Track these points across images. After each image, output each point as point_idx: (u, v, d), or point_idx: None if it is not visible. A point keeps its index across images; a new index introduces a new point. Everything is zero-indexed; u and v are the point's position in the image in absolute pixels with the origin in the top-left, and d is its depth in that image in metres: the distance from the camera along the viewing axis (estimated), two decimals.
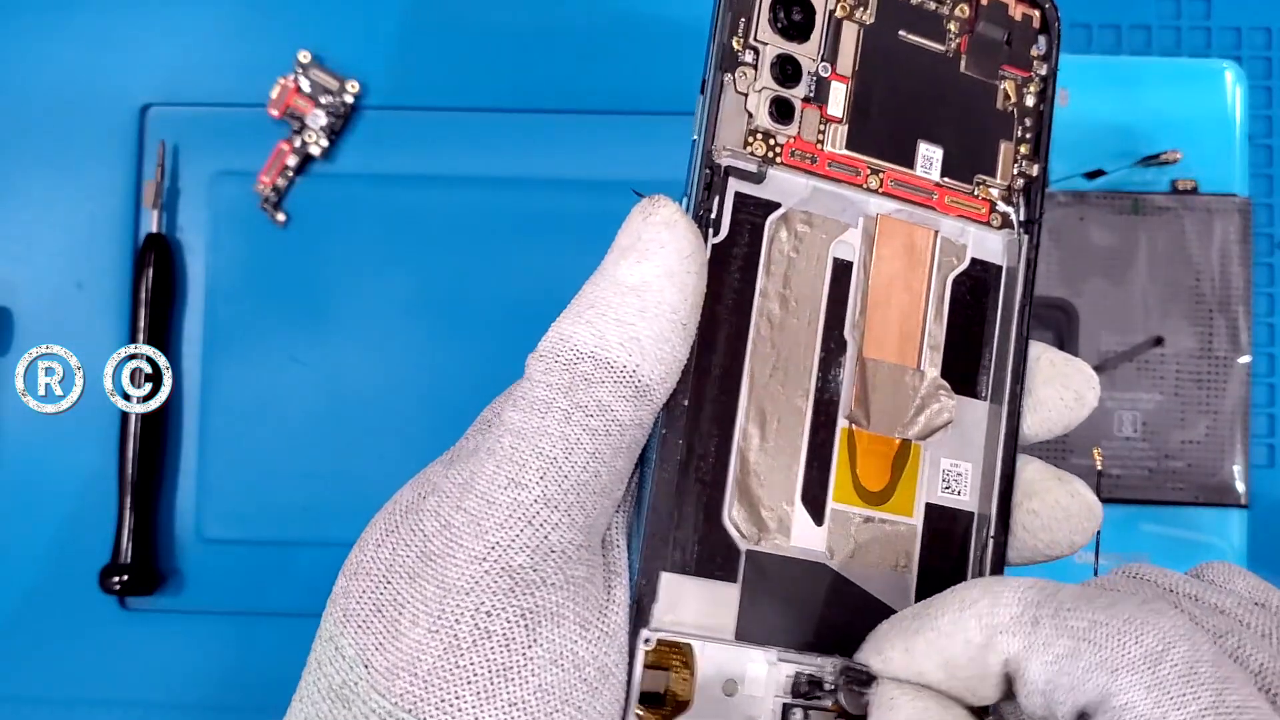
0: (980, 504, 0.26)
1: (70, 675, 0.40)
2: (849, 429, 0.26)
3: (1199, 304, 0.39)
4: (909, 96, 0.27)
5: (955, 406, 0.26)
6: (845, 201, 0.26)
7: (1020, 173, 0.28)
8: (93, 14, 0.41)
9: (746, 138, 0.26)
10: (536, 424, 0.20)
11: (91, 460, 0.40)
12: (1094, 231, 0.39)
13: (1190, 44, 0.42)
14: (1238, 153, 0.40)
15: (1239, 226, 0.39)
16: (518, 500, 0.20)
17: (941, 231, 0.27)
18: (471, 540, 0.20)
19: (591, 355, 0.20)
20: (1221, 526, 0.40)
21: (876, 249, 0.27)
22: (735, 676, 0.24)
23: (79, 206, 0.41)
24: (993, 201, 0.28)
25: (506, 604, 0.20)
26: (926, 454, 0.26)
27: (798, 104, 0.26)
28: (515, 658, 0.20)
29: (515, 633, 0.20)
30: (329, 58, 0.41)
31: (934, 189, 0.27)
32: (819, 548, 0.25)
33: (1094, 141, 0.40)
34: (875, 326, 0.26)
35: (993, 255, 0.27)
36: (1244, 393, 0.39)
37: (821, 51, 0.27)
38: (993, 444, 0.27)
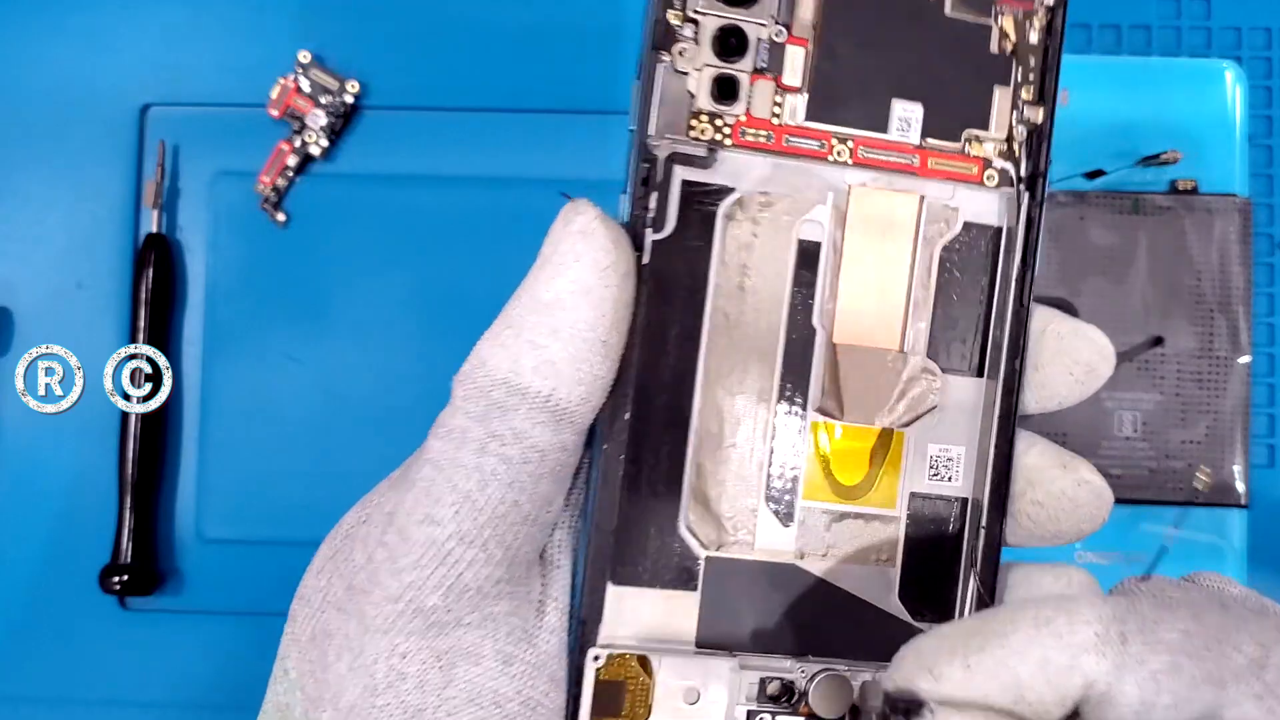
0: (975, 489, 0.24)
1: (70, 675, 0.40)
2: (820, 421, 0.24)
3: (1199, 304, 0.39)
4: (882, 51, 0.24)
5: (942, 389, 0.24)
6: (810, 177, 0.24)
7: (1021, 120, 0.25)
8: (92, 14, 0.41)
9: (690, 121, 0.23)
10: (452, 455, 0.19)
11: (91, 460, 0.40)
12: (1094, 231, 0.39)
13: (1190, 44, 0.42)
14: (1238, 153, 0.40)
15: (1239, 226, 0.39)
16: (431, 537, 0.19)
17: (927, 197, 0.24)
18: (388, 578, 0.19)
19: (505, 381, 0.19)
20: (1222, 526, 0.40)
21: (848, 225, 0.24)
22: (698, 685, 0.23)
23: (79, 206, 0.41)
24: (987, 158, 0.25)
25: (420, 645, 0.19)
26: (911, 441, 0.24)
27: (745, 78, 0.23)
28: (430, 699, 0.19)
29: (429, 675, 0.19)
30: (329, 58, 0.41)
31: (914, 152, 0.24)
32: (787, 549, 0.24)
33: (1094, 141, 0.40)
34: (848, 309, 0.24)
35: (989, 217, 0.25)
36: (1244, 393, 0.39)
37: (777, 13, 0.24)
38: (988, 424, 0.24)
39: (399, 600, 0.19)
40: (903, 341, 0.24)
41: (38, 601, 0.40)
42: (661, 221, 0.23)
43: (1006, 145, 0.25)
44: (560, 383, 0.19)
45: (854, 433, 0.24)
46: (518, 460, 0.19)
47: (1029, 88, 0.25)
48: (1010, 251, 0.24)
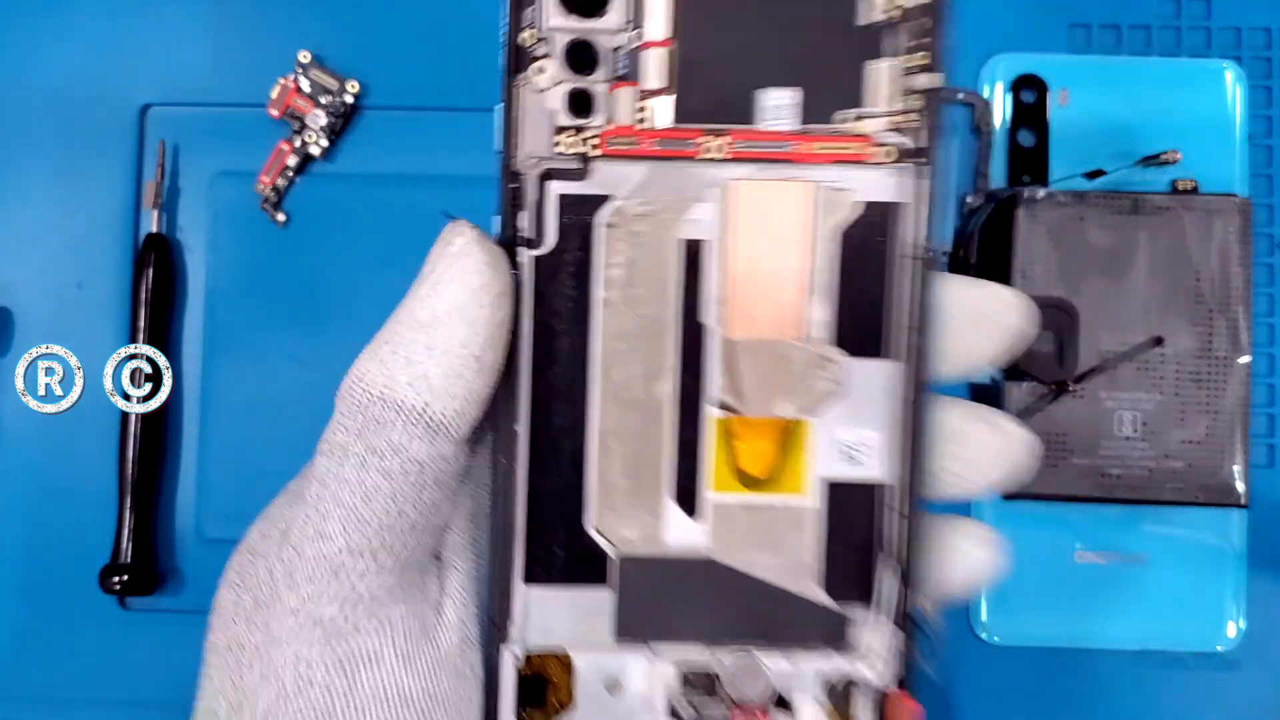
0: (892, 473, 0.24)
1: (70, 675, 0.40)
2: (722, 416, 0.24)
3: (1199, 304, 0.39)
4: (747, 41, 0.24)
5: (843, 372, 0.24)
6: (687, 177, 0.24)
7: (910, 89, 0.24)
8: (92, 14, 0.41)
9: (555, 137, 0.24)
10: (336, 471, 0.20)
11: (91, 460, 0.40)
12: (1093, 231, 0.39)
13: (1190, 44, 0.42)
14: (1238, 153, 0.40)
15: (1239, 226, 0.39)
16: (323, 552, 0.20)
17: (815, 182, 0.24)
18: (286, 592, 0.20)
19: (381, 397, 0.20)
20: (1221, 526, 0.40)
21: (732, 219, 0.24)
22: (617, 677, 0.24)
23: (79, 206, 0.41)
24: (875, 135, 0.24)
25: (323, 653, 0.20)
26: (821, 428, 0.24)
27: (602, 89, 0.24)
28: (338, 701, 0.20)
29: (335, 680, 0.20)
30: (329, 58, 0.41)
31: (792, 138, 0.24)
32: (698, 542, 0.24)
33: (1094, 141, 0.40)
34: (743, 303, 0.24)
35: (884, 194, 0.24)
36: (1244, 393, 0.39)
37: (627, 17, 0.24)
38: (899, 406, 0.24)
39: (298, 613, 0.20)
40: (802, 329, 0.24)
41: (38, 601, 0.40)
42: (541, 238, 0.24)
43: (899, 116, 0.24)
44: (434, 397, 0.20)
45: (758, 425, 0.24)
46: (398, 473, 0.20)
47: (919, 55, 0.24)
48: (908, 226, 0.24)
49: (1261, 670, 0.40)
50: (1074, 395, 0.39)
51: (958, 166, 0.41)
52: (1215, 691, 0.40)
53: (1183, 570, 0.40)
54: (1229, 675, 0.40)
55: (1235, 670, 0.40)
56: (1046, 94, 0.41)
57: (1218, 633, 0.40)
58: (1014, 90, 0.41)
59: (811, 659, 0.24)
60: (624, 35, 0.24)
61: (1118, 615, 0.40)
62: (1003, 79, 0.41)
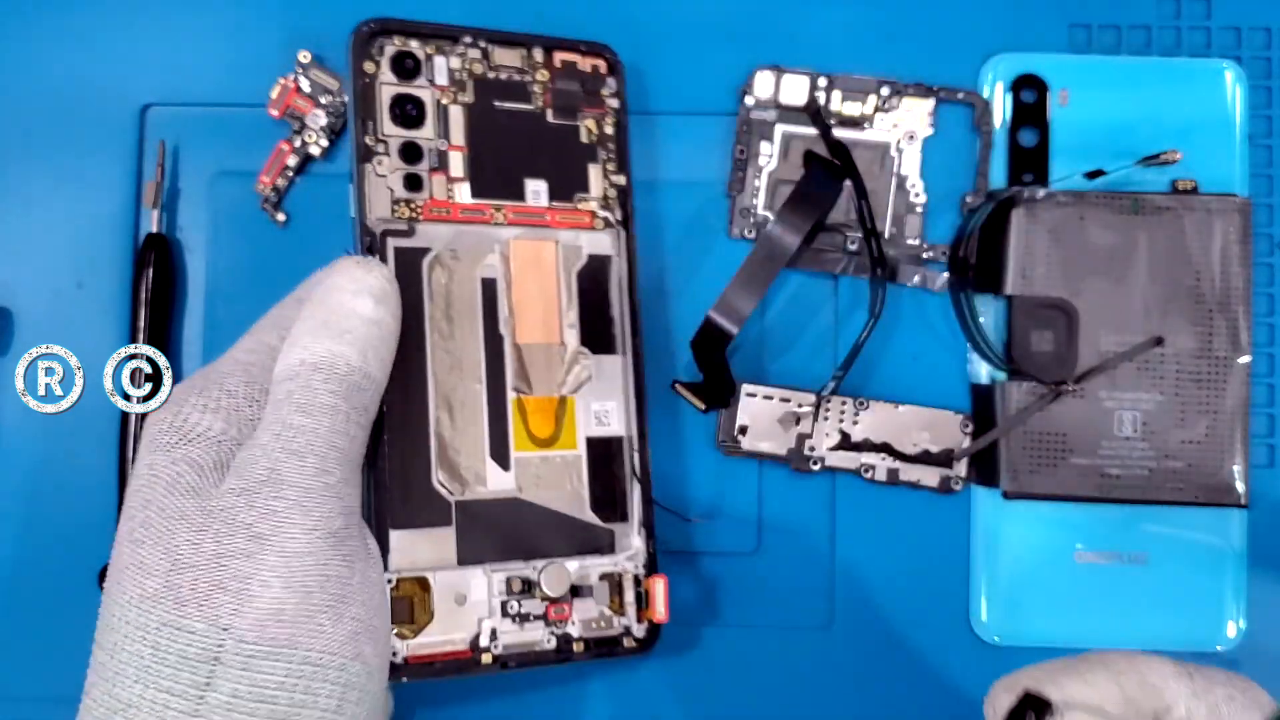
0: (626, 429, 0.37)
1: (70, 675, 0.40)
2: (518, 398, 0.36)
3: (1199, 304, 0.39)
4: (512, 148, 0.36)
5: (593, 364, 0.37)
6: (481, 236, 0.36)
7: (611, 184, 0.38)
8: (92, 14, 0.41)
9: (393, 207, 0.35)
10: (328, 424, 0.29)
11: (91, 460, 0.40)
12: (1093, 231, 0.39)
13: (1190, 44, 0.42)
14: (1238, 153, 0.40)
15: (1239, 226, 0.39)
16: (328, 484, 0.29)
17: (561, 240, 0.37)
18: (300, 517, 0.28)
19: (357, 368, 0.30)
20: (1221, 526, 0.40)
21: (512, 264, 0.36)
22: (463, 591, 0.35)
23: (79, 206, 0.41)
24: (594, 211, 0.37)
25: (335, 554, 0.29)
26: (580, 402, 0.36)
27: (425, 174, 0.35)
28: (347, 588, 0.29)
29: (342, 572, 0.29)
30: (329, 58, 0.41)
31: (545, 211, 0.37)
32: (510, 487, 0.35)
33: (1094, 141, 0.40)
34: (523, 319, 0.36)
35: (604, 249, 0.37)
36: (1244, 393, 0.39)
37: (438, 131, 0.36)
38: (628, 384, 0.37)
39: (315, 530, 0.29)
40: (562, 337, 0.36)
41: (37, 601, 0.40)
42: None
43: (604, 201, 0.38)
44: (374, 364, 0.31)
45: (541, 402, 0.36)
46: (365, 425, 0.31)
47: (612, 163, 0.38)
48: (619, 270, 0.37)
49: (1262, 670, 0.40)
50: (1074, 395, 0.39)
51: (958, 166, 0.41)
52: None
53: (1183, 570, 0.40)
54: None
55: (1235, 670, 0.40)
56: (1046, 94, 0.41)
57: (1218, 632, 0.40)
58: (1014, 90, 0.41)
59: (593, 561, 0.36)
60: (436, 141, 0.36)
61: (1118, 615, 0.40)
62: (1003, 79, 0.41)
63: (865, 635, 0.40)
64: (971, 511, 0.40)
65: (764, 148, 0.41)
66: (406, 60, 0.36)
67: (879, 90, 0.41)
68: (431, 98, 0.36)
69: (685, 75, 0.41)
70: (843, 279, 0.41)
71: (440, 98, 0.36)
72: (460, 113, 0.36)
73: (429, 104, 0.36)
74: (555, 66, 0.37)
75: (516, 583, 0.35)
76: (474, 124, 0.36)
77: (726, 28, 0.41)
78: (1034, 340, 0.39)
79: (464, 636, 0.34)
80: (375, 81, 0.35)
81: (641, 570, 0.37)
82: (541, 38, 0.38)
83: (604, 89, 0.38)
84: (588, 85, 0.38)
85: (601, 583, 0.36)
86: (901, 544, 0.40)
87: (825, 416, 0.40)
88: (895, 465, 0.40)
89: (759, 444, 0.40)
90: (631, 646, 0.36)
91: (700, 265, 0.41)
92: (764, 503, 0.40)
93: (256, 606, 0.27)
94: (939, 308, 0.41)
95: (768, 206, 0.41)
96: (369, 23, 0.36)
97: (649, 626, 0.37)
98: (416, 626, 0.34)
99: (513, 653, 0.35)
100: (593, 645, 0.36)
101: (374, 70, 0.35)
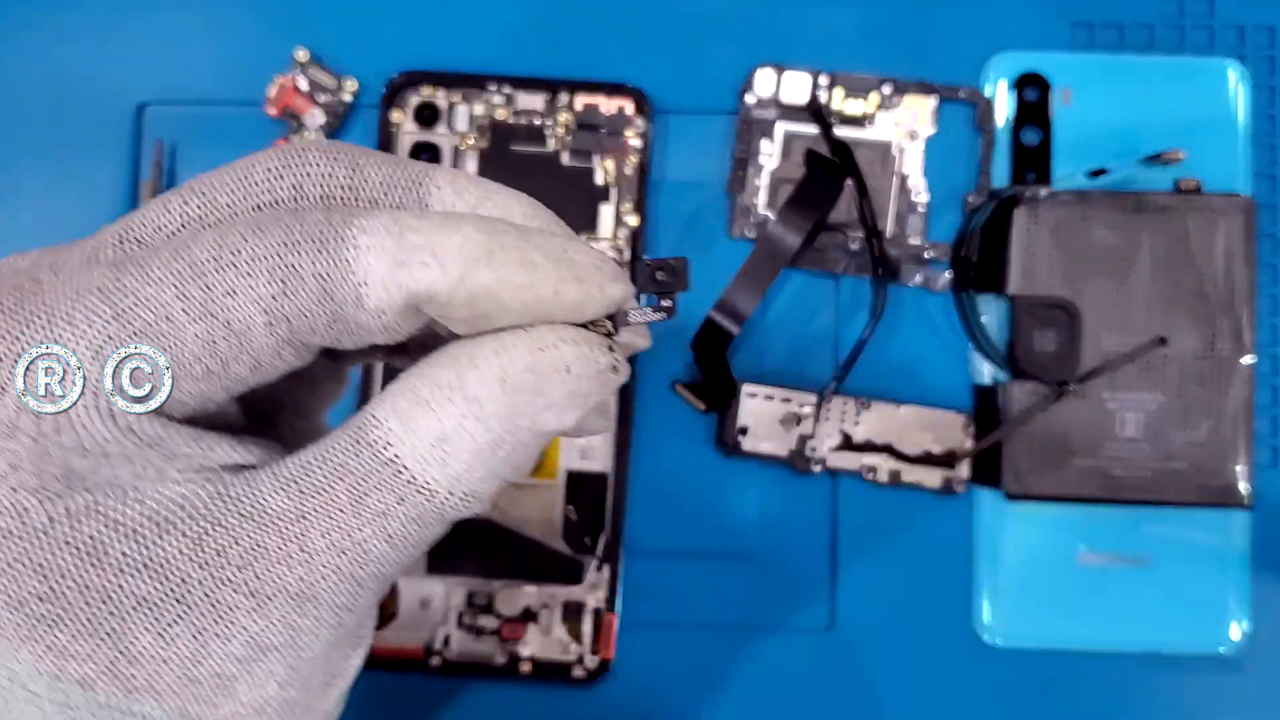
0: (608, 466, 0.38)
1: None
2: None
3: (1202, 304, 0.39)
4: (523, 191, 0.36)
5: None
6: None
7: (622, 224, 0.39)
8: (88, 13, 0.41)
9: None
10: (410, 555, 0.21)
11: None
12: (1096, 231, 0.39)
13: (1193, 43, 0.41)
14: (1241, 152, 0.40)
15: (1243, 226, 0.39)
16: (369, 605, 0.21)
17: None
18: (328, 633, 0.20)
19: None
20: (1225, 527, 0.39)
21: None
22: (427, 596, 0.37)
23: (75, 206, 0.40)
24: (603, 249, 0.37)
25: (345, 647, 0.22)
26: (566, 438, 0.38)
27: None
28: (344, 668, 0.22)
29: (346, 656, 0.22)
30: (327, 56, 0.40)
31: None
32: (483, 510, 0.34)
33: (1097, 140, 0.40)
34: None
35: None
36: (1247, 393, 0.39)
37: None
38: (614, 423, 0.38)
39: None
40: None
41: None
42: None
43: (614, 241, 0.39)
44: None
45: None
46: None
47: (629, 201, 0.39)
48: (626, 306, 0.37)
49: (1266, 672, 0.40)
50: (1076, 396, 0.39)
51: (960, 165, 0.41)
52: (1219, 694, 0.40)
53: (1186, 572, 0.39)
54: (1233, 677, 0.40)
55: (1239, 672, 0.40)
56: (1049, 93, 0.40)
57: (1221, 634, 0.39)
58: (1017, 89, 0.41)
59: (556, 589, 0.38)
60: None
61: (1120, 617, 0.39)
62: (1005, 78, 0.41)
63: (867, 637, 0.40)
64: (974, 513, 0.40)
65: (765, 146, 0.41)
66: (425, 110, 0.38)
67: (880, 89, 0.41)
68: (449, 144, 0.38)
69: (686, 73, 0.41)
70: (844, 279, 0.41)
71: (458, 144, 0.38)
72: (475, 157, 0.38)
73: (446, 151, 0.38)
74: (577, 109, 0.39)
75: (478, 597, 0.38)
76: (487, 168, 0.38)
77: (727, 26, 0.41)
78: (1036, 340, 0.39)
79: (420, 639, 0.37)
80: (399, 130, 0.37)
81: (602, 604, 0.38)
82: (569, 82, 0.38)
83: (629, 129, 0.39)
84: (611, 126, 0.39)
85: (564, 610, 0.38)
86: (903, 545, 0.40)
87: (826, 417, 0.40)
88: (897, 466, 0.40)
89: (760, 445, 0.40)
90: (580, 676, 0.38)
91: (700, 265, 0.40)
92: (764, 504, 0.40)
93: (240, 702, 0.19)
94: (941, 308, 0.41)
95: (769, 206, 0.41)
96: (403, 75, 0.38)
97: (599, 661, 0.38)
98: (381, 622, 0.37)
99: (462, 661, 0.38)
100: (542, 668, 0.38)
101: (400, 120, 0.38)
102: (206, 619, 0.18)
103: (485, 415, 0.18)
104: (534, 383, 0.18)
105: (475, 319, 0.18)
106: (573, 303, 0.18)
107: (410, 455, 0.18)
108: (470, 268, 0.18)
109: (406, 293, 0.18)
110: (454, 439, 0.18)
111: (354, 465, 0.18)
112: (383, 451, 0.18)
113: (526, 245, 0.18)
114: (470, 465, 0.18)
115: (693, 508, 0.40)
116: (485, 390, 0.18)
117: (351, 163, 0.20)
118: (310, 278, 0.18)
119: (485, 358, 0.18)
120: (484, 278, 0.18)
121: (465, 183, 0.20)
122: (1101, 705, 0.40)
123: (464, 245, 0.18)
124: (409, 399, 0.18)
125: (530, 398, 0.18)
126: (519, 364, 0.18)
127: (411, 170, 0.20)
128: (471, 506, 0.19)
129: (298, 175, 0.20)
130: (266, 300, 0.18)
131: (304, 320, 0.18)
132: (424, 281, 0.17)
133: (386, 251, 0.18)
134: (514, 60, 0.40)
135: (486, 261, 0.18)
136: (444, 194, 0.20)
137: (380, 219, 0.18)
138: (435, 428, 0.18)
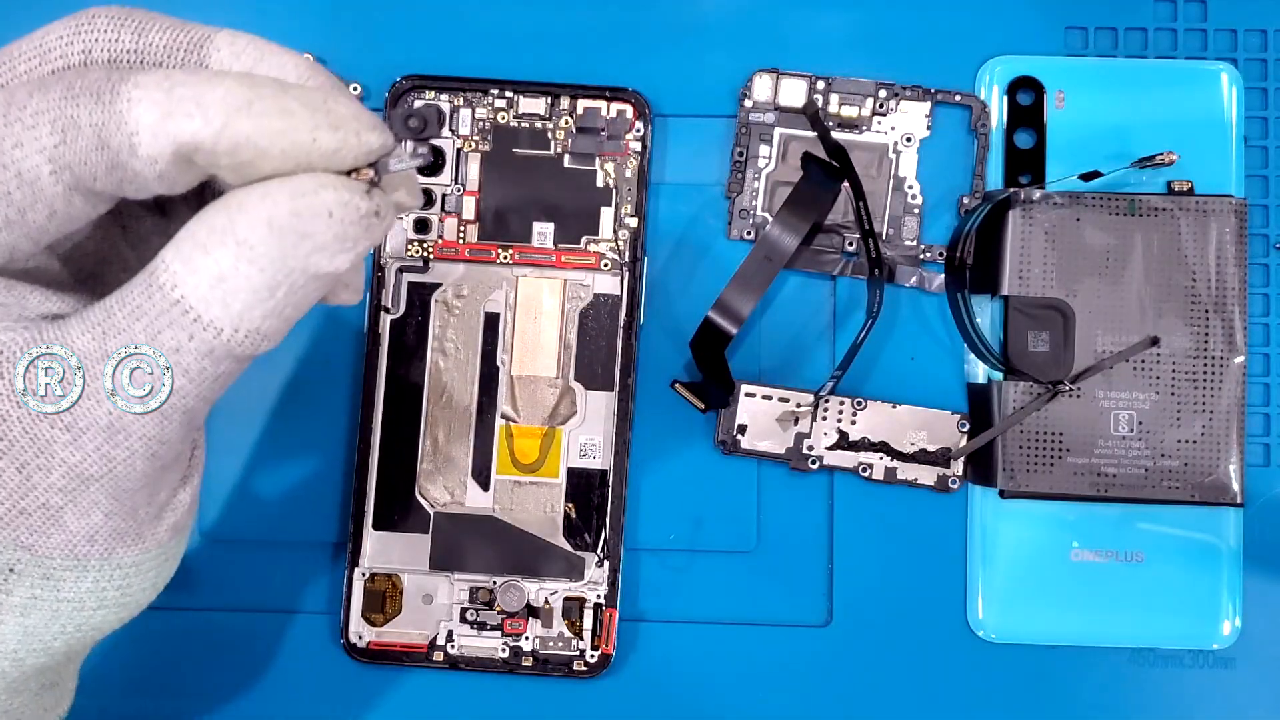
0: (608, 463, 0.39)
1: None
2: (505, 425, 0.39)
3: (1195, 304, 0.39)
4: (526, 192, 0.39)
5: (583, 400, 0.39)
6: (490, 274, 0.39)
7: (622, 226, 0.39)
8: None
9: (407, 245, 0.38)
10: (213, 391, 0.23)
11: None
12: (1089, 232, 0.39)
13: (1186, 46, 0.42)
14: (1233, 154, 0.41)
15: (1234, 227, 0.39)
16: (189, 433, 0.23)
17: (567, 280, 0.39)
18: (144, 464, 0.22)
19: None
20: (1217, 525, 0.40)
21: (516, 301, 0.39)
22: (430, 592, 0.39)
23: None
24: (602, 253, 0.39)
25: (173, 471, 0.24)
26: (569, 434, 0.39)
27: (436, 218, 0.39)
28: (174, 498, 0.24)
29: (174, 486, 0.24)
30: (331, 61, 0.41)
31: (553, 253, 0.39)
32: (487, 506, 0.38)
33: (1090, 143, 0.41)
34: (521, 353, 0.39)
35: (610, 289, 0.39)
36: (1239, 392, 0.39)
37: (453, 178, 0.39)
38: (615, 422, 0.39)
39: None
40: (559, 371, 0.39)
41: None
42: (396, 306, 0.39)
43: (614, 242, 0.39)
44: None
45: (529, 430, 0.39)
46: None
47: (628, 204, 0.39)
48: (619, 309, 0.39)
49: (1257, 669, 0.40)
50: (1070, 395, 0.39)
51: (955, 167, 0.41)
52: (1211, 690, 0.40)
53: (1179, 569, 0.40)
54: (1225, 674, 0.40)
55: (1231, 669, 0.40)
56: (1043, 96, 0.41)
57: (1213, 631, 0.40)
58: (1010, 92, 0.41)
59: (558, 584, 0.39)
60: (453, 188, 0.39)
61: (1114, 614, 0.40)
62: (999, 81, 0.41)
63: (863, 633, 0.41)
64: (968, 510, 0.41)
65: (763, 150, 0.41)
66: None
67: (876, 93, 0.41)
68: (452, 147, 0.39)
69: (685, 78, 0.41)
70: (841, 280, 0.41)
71: (461, 146, 0.39)
72: (478, 159, 0.39)
73: (449, 153, 0.39)
74: (578, 113, 0.39)
75: (478, 592, 0.38)
76: (489, 169, 0.39)
77: (726, 32, 0.41)
78: (1030, 340, 0.40)
79: (424, 634, 0.38)
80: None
81: (602, 600, 0.39)
82: (569, 86, 0.39)
83: (629, 133, 0.39)
84: (611, 130, 0.39)
85: (565, 605, 0.39)
86: (899, 542, 0.41)
87: (823, 416, 0.40)
88: (893, 464, 0.40)
89: (758, 443, 0.40)
90: (581, 670, 0.39)
91: (700, 266, 0.41)
92: (763, 502, 0.41)
93: (69, 531, 0.21)
94: (936, 308, 0.41)
95: (766, 208, 0.41)
96: (406, 79, 0.39)
97: (600, 656, 0.39)
98: (385, 617, 0.38)
99: (465, 656, 0.39)
100: (544, 662, 0.39)
101: None
102: (28, 453, 0.21)
103: (257, 257, 0.20)
104: (299, 225, 0.20)
105: (241, 167, 0.20)
106: (330, 149, 0.20)
107: (194, 295, 0.20)
108: (231, 117, 0.19)
109: (174, 141, 0.19)
110: (231, 279, 0.20)
111: (147, 306, 0.20)
112: (170, 293, 0.20)
113: (285, 96, 0.20)
114: (249, 305, 0.20)
115: (692, 505, 0.40)
116: (254, 233, 0.20)
117: (137, 28, 0.21)
118: (87, 127, 0.19)
119: (253, 203, 0.20)
120: (244, 126, 0.19)
121: (245, 44, 0.22)
122: (1094, 700, 0.40)
123: (225, 96, 0.19)
124: (190, 244, 0.20)
125: (297, 240, 0.20)
126: (282, 208, 0.20)
127: (193, 33, 0.21)
128: (259, 345, 0.21)
129: (86, 40, 0.22)
130: (50, 149, 0.20)
131: (85, 168, 0.20)
132: (189, 130, 0.19)
133: (156, 104, 0.19)
134: (516, 65, 0.41)
135: (246, 111, 0.19)
136: (222, 55, 0.21)
137: (154, 76, 0.19)
138: (213, 268, 0.20)
